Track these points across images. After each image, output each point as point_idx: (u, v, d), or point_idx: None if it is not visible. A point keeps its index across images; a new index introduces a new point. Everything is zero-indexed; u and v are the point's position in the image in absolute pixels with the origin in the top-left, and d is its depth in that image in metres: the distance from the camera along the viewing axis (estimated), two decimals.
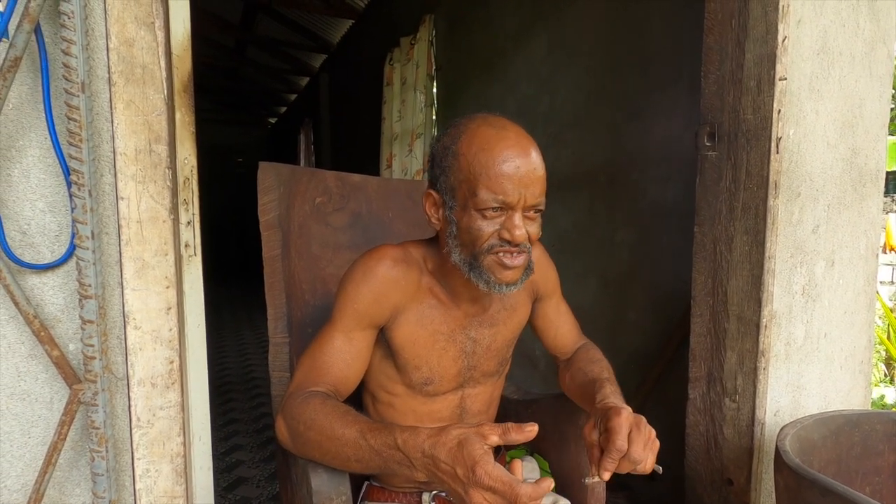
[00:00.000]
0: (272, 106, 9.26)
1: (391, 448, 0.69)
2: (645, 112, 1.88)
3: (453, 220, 0.83)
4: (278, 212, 1.11)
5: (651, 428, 0.77)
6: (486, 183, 0.77)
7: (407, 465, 0.68)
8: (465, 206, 0.80)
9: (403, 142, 3.63)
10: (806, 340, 1.30)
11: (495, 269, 0.81)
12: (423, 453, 0.66)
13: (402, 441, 0.68)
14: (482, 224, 0.79)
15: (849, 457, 1.13)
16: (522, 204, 0.78)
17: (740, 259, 1.21)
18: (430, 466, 0.65)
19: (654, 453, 0.77)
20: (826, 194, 1.30)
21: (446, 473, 0.64)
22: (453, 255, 0.84)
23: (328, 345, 0.85)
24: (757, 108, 1.17)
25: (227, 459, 2.48)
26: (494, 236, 0.80)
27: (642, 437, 0.75)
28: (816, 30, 1.22)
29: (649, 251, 1.90)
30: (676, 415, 1.40)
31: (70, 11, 0.73)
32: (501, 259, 0.80)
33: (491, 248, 0.80)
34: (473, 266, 0.82)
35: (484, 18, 2.81)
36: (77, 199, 0.77)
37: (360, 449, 0.71)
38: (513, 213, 0.79)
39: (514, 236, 0.78)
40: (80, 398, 0.81)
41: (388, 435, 0.70)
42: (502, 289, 0.82)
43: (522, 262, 0.82)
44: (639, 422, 0.77)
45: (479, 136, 0.80)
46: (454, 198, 0.82)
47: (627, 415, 0.77)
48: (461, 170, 0.80)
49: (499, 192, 0.77)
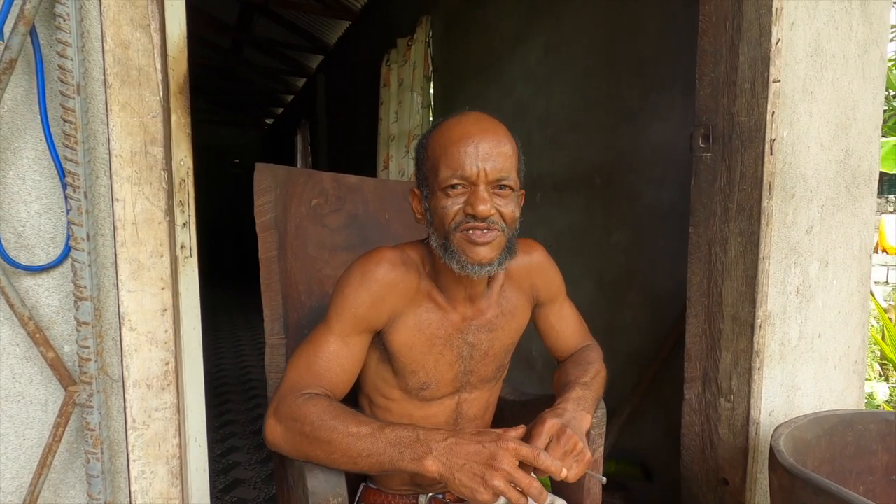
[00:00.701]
0: (269, 107, 9.25)
1: (411, 439, 0.72)
2: (641, 114, 1.89)
3: (428, 207, 0.85)
4: (275, 213, 1.11)
5: (576, 440, 0.79)
6: (445, 161, 0.80)
7: (423, 455, 0.70)
8: (433, 190, 0.83)
9: (400, 143, 3.64)
10: (800, 340, 1.31)
11: (465, 248, 0.80)
12: (444, 438, 0.71)
13: (423, 434, 0.72)
14: (447, 202, 0.80)
15: (842, 456, 1.14)
16: (484, 178, 0.79)
17: (735, 260, 1.21)
18: (453, 446, 0.70)
19: (579, 464, 0.79)
20: (820, 195, 1.31)
21: (470, 450, 0.69)
22: (432, 242, 0.85)
23: (324, 348, 0.85)
24: (751, 109, 1.17)
25: (223, 461, 2.48)
26: (460, 213, 0.80)
27: (560, 447, 0.78)
28: (810, 32, 1.23)
29: (645, 252, 1.90)
30: (673, 415, 1.41)
31: (65, 14, 0.73)
32: (470, 236, 0.80)
33: (458, 225, 0.80)
34: (446, 248, 0.82)
35: (481, 21, 2.82)
36: (72, 201, 0.77)
37: (377, 441, 0.73)
38: (476, 188, 0.79)
39: (476, 210, 0.78)
40: (75, 400, 0.81)
41: (409, 429, 0.74)
42: (475, 269, 0.81)
43: (492, 238, 0.81)
44: (561, 432, 0.80)
45: (444, 125, 0.84)
46: (427, 186, 0.85)
47: (550, 425, 0.80)
48: (429, 158, 0.84)
49: (457, 167, 0.79)
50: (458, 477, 0.68)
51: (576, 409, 0.86)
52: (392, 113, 3.74)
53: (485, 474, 0.67)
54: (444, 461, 0.69)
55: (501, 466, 0.67)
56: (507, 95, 2.60)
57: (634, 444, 1.91)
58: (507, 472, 0.67)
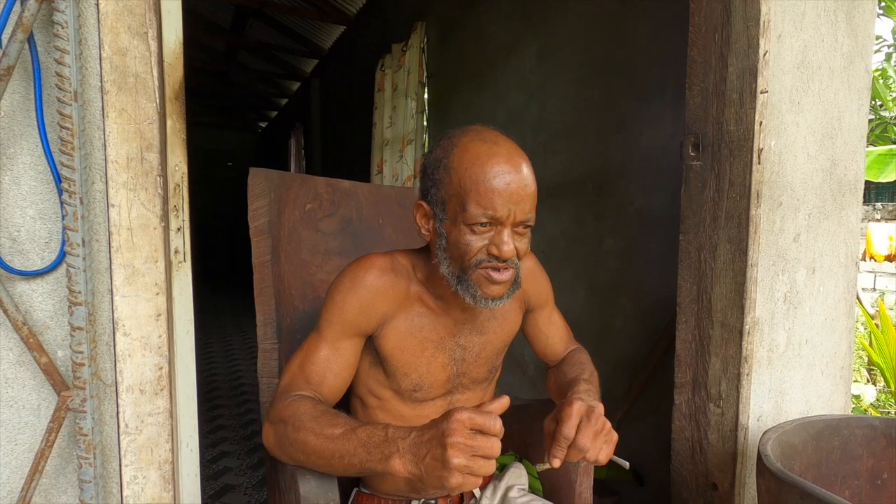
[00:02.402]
0: (263, 110, 9.23)
1: (380, 439, 0.69)
2: (632, 122, 1.91)
3: (443, 232, 0.83)
4: (268, 218, 1.11)
5: (605, 420, 0.79)
6: (476, 198, 0.78)
7: (390, 455, 0.67)
8: (454, 219, 0.81)
9: (394, 148, 3.65)
10: (788, 346, 1.33)
11: (482, 284, 0.81)
12: (408, 433, 0.68)
13: (392, 432, 0.70)
14: (471, 239, 0.80)
15: (829, 461, 1.16)
16: (512, 220, 0.79)
17: (724, 267, 1.23)
18: (416, 439, 0.67)
19: (609, 444, 0.79)
20: (807, 204, 1.34)
21: (427, 437, 0.66)
22: (442, 267, 0.84)
23: (315, 354, 0.86)
24: (739, 119, 1.19)
25: (213, 466, 2.46)
26: (483, 251, 0.80)
27: (592, 426, 0.77)
28: (796, 44, 1.26)
29: (636, 259, 1.92)
30: (664, 420, 1.42)
31: (64, 21, 0.74)
32: (489, 274, 0.81)
33: (479, 262, 0.80)
34: (461, 279, 0.82)
35: (475, 27, 2.84)
36: (68, 207, 0.78)
37: (348, 442, 0.71)
38: (502, 229, 0.79)
39: (502, 252, 0.79)
40: (68, 405, 0.81)
41: (378, 428, 0.71)
42: (488, 303, 0.83)
43: (509, 277, 0.82)
44: (590, 412, 0.79)
45: (470, 151, 0.80)
46: (444, 211, 0.82)
47: (579, 406, 0.79)
48: (452, 183, 0.81)
49: (489, 207, 0.77)
50: (425, 470, 0.65)
51: (589, 399, 0.85)
52: (386, 118, 3.75)
53: (443, 455, 0.63)
54: (410, 457, 0.66)
55: (456, 441, 0.63)
56: (500, 102, 2.62)
57: (625, 449, 1.92)
58: (462, 444, 0.63)
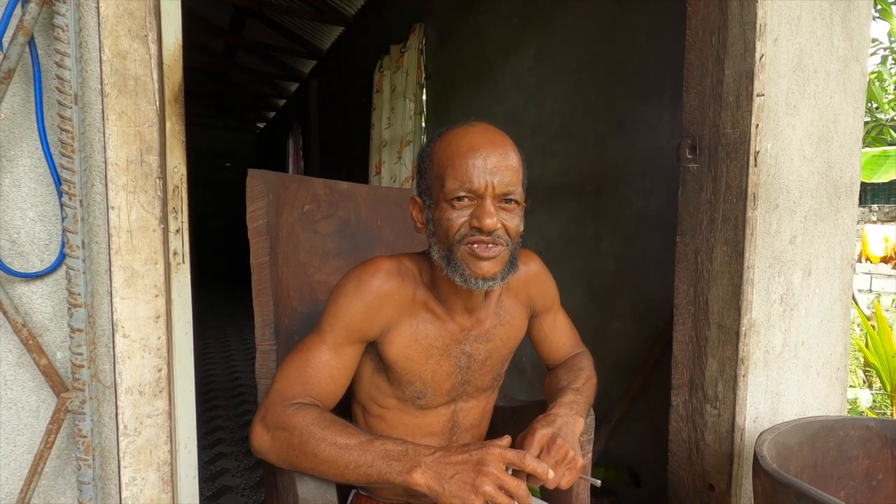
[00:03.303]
0: (261, 111, 9.23)
1: (400, 452, 0.72)
2: (630, 124, 1.92)
3: (431, 217, 0.84)
4: (267, 219, 1.12)
5: (567, 448, 0.81)
6: (452, 172, 0.79)
7: (412, 468, 0.70)
8: (437, 201, 0.82)
9: (393, 149, 3.65)
10: (784, 348, 1.34)
11: (469, 261, 0.80)
12: (433, 451, 0.72)
13: (413, 446, 0.73)
14: (452, 214, 0.80)
15: (825, 462, 1.16)
16: (491, 192, 0.79)
17: (720, 269, 1.24)
18: (441, 458, 0.71)
19: (572, 471, 0.81)
20: (803, 206, 1.34)
21: (457, 459, 0.70)
22: (433, 253, 0.85)
23: (315, 357, 0.84)
24: (736, 122, 1.20)
25: (211, 468, 2.46)
26: (466, 226, 0.80)
27: (552, 457, 0.80)
28: (793, 48, 1.27)
29: (634, 260, 1.93)
30: (661, 421, 1.43)
31: (64, 25, 0.74)
32: (474, 249, 0.80)
33: (463, 238, 0.80)
34: (449, 260, 0.82)
35: (473, 29, 2.84)
36: (68, 209, 0.78)
37: (366, 452, 0.73)
38: (482, 202, 0.79)
39: (483, 224, 0.78)
40: (67, 406, 0.81)
41: (397, 441, 0.74)
42: (479, 283, 0.81)
43: (497, 253, 0.80)
44: (552, 442, 0.81)
45: (449, 135, 0.83)
46: (431, 196, 0.84)
47: (541, 436, 0.82)
48: (433, 167, 0.83)
49: (465, 180, 0.78)
50: (448, 488, 0.68)
51: (568, 413, 0.87)
52: (385, 119, 3.76)
53: (475, 480, 0.68)
54: (433, 473, 0.69)
55: (490, 471, 0.68)
56: (499, 103, 2.63)
57: (623, 450, 1.93)
58: (495, 476, 0.68)
